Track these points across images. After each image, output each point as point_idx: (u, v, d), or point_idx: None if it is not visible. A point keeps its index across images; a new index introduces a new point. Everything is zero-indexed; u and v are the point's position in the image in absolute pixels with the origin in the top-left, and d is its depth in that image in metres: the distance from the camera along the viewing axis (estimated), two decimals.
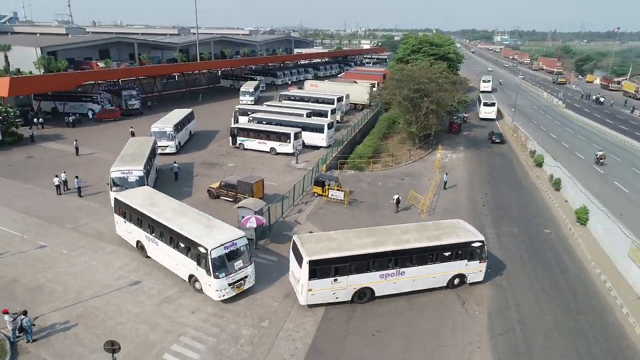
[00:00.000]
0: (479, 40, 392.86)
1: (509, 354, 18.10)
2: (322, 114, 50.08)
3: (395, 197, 31.18)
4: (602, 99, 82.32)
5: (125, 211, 24.50)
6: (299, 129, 43.25)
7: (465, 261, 21.97)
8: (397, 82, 45.51)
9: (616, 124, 61.97)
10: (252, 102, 63.82)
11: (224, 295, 20.09)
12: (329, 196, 31.75)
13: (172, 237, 21.52)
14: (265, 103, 55.99)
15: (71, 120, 49.94)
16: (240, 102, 63.71)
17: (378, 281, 20.72)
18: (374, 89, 71.40)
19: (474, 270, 22.35)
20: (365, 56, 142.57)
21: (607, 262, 24.95)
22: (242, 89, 67.18)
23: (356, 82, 73.40)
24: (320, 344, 18.13)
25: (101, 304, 19.79)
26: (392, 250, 20.65)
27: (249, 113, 49.89)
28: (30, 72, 65.62)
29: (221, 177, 35.09)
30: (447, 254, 21.53)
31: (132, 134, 44.32)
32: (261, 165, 39.55)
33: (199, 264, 20.13)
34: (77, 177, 32.23)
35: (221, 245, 19.96)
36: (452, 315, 20.31)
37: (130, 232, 24.43)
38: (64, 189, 32.24)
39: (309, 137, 44.73)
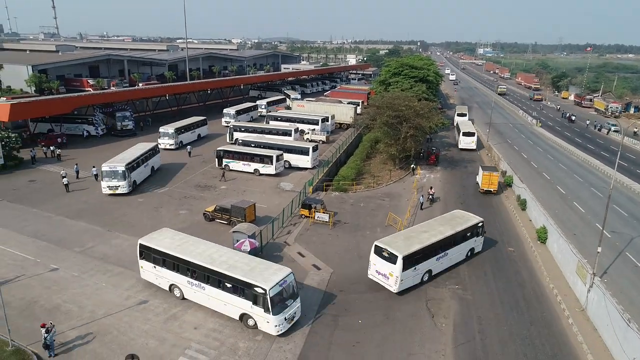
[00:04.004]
0: (462, 52, 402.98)
1: None
2: (286, 133, 55.46)
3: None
4: (573, 117, 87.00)
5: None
6: (281, 152, 46.35)
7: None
8: (377, 108, 49.02)
9: (584, 143, 66.31)
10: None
11: None
12: (315, 218, 34.73)
13: None
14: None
15: (62, 143, 52.40)
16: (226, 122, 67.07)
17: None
18: (359, 107, 75.39)
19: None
20: (351, 72, 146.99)
21: (560, 277, 28.29)
22: (225, 110, 69.65)
23: (341, 102, 76.96)
24: (307, 354, 20.94)
25: (113, 321, 22.38)
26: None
27: (242, 129, 56.17)
28: (21, 90, 67.90)
29: (214, 199, 37.88)
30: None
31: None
32: (251, 187, 42.41)
33: None
34: (94, 166, 42.56)
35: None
36: (421, 327, 23.30)
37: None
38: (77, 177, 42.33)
39: (296, 159, 47.94)
